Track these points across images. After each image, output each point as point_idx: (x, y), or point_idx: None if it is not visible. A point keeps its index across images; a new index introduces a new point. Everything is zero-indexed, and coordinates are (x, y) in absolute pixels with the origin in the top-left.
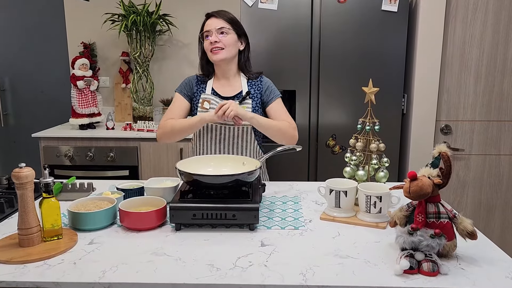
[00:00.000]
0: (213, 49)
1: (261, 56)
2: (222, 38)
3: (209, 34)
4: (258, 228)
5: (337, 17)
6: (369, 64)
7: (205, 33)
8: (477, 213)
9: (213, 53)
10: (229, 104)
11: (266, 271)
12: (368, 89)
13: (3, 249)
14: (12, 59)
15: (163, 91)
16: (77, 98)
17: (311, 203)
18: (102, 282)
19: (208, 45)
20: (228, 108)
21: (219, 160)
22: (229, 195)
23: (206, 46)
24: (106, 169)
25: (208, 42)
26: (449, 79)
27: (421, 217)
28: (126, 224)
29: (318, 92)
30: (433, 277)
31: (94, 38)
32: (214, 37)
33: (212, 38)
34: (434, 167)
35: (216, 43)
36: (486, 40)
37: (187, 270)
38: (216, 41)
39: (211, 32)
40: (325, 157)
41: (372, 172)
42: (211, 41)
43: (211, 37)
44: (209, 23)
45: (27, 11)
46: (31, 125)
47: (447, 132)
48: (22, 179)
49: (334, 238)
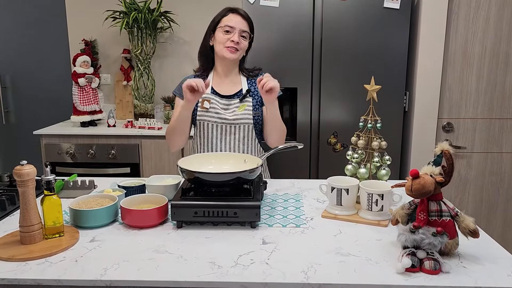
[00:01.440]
0: (230, 47)
1: (263, 53)
2: (242, 40)
3: (231, 30)
4: (259, 226)
5: (339, 15)
6: (371, 61)
7: (226, 27)
8: (479, 211)
9: (228, 51)
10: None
11: (267, 269)
12: (370, 86)
13: (4, 247)
14: (14, 57)
15: (164, 89)
16: (79, 96)
17: (313, 201)
18: (103, 280)
19: (226, 41)
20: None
21: (221, 158)
22: (230, 192)
23: (222, 39)
24: (107, 166)
25: (226, 38)
26: (451, 77)
27: (423, 215)
28: (128, 222)
29: (320, 90)
30: (435, 275)
31: (95, 35)
32: (236, 37)
33: (235, 38)
34: (436, 165)
35: (237, 44)
36: (488, 37)
37: (189, 268)
38: (238, 42)
39: (234, 30)
40: (327, 155)
41: (373, 170)
42: (233, 39)
43: (233, 34)
44: (234, 20)
45: (28, 8)
46: (32, 123)
47: (449, 130)
48: (24, 176)
49: (336, 236)
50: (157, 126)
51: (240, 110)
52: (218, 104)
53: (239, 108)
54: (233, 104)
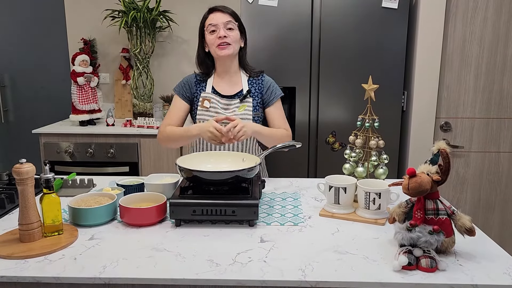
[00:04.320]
0: (220, 44)
1: (261, 53)
2: (230, 33)
3: (215, 28)
4: (257, 224)
5: (337, 14)
6: (369, 61)
7: (210, 27)
8: (476, 210)
9: (220, 48)
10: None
11: (265, 267)
12: (368, 86)
13: (4, 244)
14: (12, 55)
15: (163, 88)
16: (77, 95)
17: (311, 199)
18: (102, 277)
19: (215, 39)
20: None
21: (219, 157)
22: (228, 191)
23: (211, 40)
24: (106, 165)
25: (214, 37)
26: (449, 76)
27: (420, 213)
28: (126, 220)
29: (318, 89)
30: (432, 273)
31: (94, 35)
32: (222, 32)
33: (221, 33)
34: (433, 163)
35: (224, 38)
36: (486, 37)
37: (187, 266)
38: (225, 36)
39: (218, 27)
40: (325, 154)
41: (371, 168)
42: (220, 35)
43: (218, 31)
44: (215, 17)
45: (27, 7)
46: (31, 121)
47: (447, 129)
48: (23, 174)
49: (333, 234)
50: (156, 125)
51: (240, 110)
52: (218, 103)
53: (239, 108)
54: (233, 104)
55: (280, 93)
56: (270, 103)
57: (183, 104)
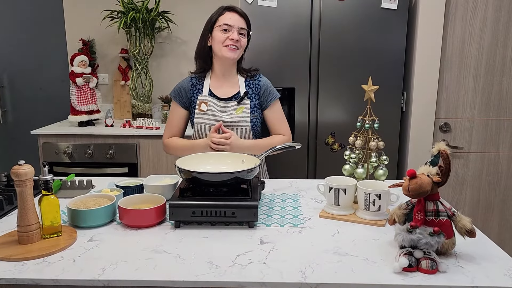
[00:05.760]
0: (230, 45)
1: (261, 53)
2: (241, 38)
3: (229, 29)
4: (257, 226)
5: (336, 15)
6: (368, 62)
7: (224, 25)
8: (476, 211)
9: (228, 49)
10: (229, 144)
11: (265, 269)
12: (367, 87)
13: (2, 246)
14: (11, 56)
15: (162, 88)
16: (76, 95)
17: (310, 200)
18: (101, 279)
19: (225, 39)
20: (225, 146)
21: (218, 158)
22: (228, 192)
23: (220, 38)
24: (105, 166)
25: (225, 36)
26: (448, 77)
27: (420, 215)
28: (126, 222)
29: (318, 90)
30: (432, 274)
31: (93, 35)
32: (236, 35)
33: (234, 36)
34: (433, 165)
35: (236, 42)
36: (485, 38)
37: (187, 267)
38: (237, 40)
39: (232, 28)
40: (324, 155)
41: (371, 170)
42: (232, 37)
43: (231, 32)
44: (232, 18)
45: (26, 7)
46: (30, 122)
47: (446, 130)
48: (21, 176)
49: (333, 236)
50: (155, 126)
51: (238, 112)
52: (215, 106)
53: (237, 111)
54: (231, 106)
55: (277, 95)
56: (267, 106)
57: (181, 111)
